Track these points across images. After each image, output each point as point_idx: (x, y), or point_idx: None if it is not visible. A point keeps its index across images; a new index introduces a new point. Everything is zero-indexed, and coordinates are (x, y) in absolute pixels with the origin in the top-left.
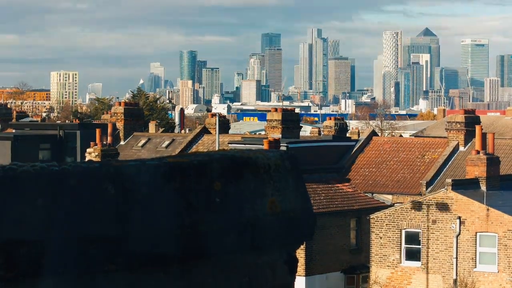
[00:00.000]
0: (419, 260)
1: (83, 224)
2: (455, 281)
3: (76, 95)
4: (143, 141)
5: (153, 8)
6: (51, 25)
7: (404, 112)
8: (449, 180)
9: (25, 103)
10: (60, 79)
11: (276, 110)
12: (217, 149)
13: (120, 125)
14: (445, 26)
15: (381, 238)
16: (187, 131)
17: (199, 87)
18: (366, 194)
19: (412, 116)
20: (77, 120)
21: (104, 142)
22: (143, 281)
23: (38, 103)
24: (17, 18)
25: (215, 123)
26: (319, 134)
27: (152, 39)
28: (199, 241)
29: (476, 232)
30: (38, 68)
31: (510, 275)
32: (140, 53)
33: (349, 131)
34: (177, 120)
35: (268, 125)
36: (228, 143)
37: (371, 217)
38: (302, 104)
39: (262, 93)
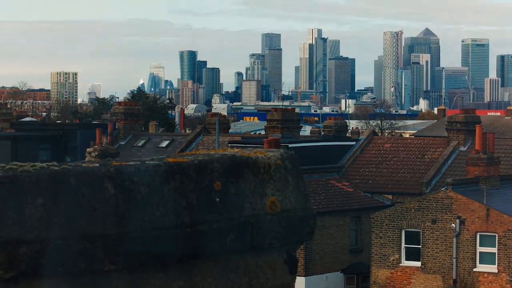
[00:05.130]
0: (419, 260)
1: (82, 224)
2: (455, 281)
3: (76, 95)
4: (143, 141)
5: None
6: None
7: (404, 112)
8: (449, 180)
9: (25, 103)
10: (60, 79)
11: (276, 110)
12: (217, 149)
13: (120, 125)
14: None
15: (381, 238)
16: (187, 131)
17: (199, 87)
18: (366, 194)
19: (412, 115)
20: (77, 120)
21: (104, 140)
22: (143, 281)
23: (38, 103)
24: None
25: (215, 123)
26: (319, 134)
27: None
28: (199, 240)
29: (476, 232)
30: None
31: (510, 275)
32: None
33: (349, 131)
34: (177, 120)
35: (268, 125)
36: (228, 143)
37: (371, 216)
38: (303, 104)
39: (263, 93)
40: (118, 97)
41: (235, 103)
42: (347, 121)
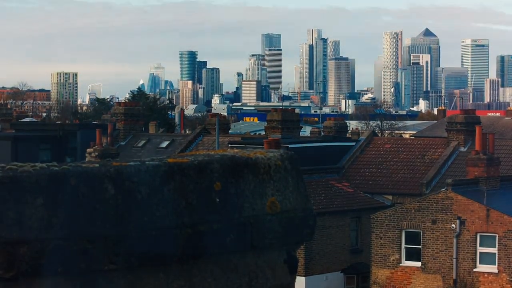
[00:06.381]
0: (419, 260)
1: (83, 224)
2: (455, 281)
3: (76, 95)
4: (143, 142)
5: None
6: None
7: (404, 112)
8: (449, 180)
9: (25, 103)
10: (60, 79)
11: (276, 110)
12: (217, 149)
13: (120, 125)
14: None
15: (381, 238)
16: (187, 132)
17: (199, 88)
18: (366, 194)
19: (412, 116)
20: (77, 120)
21: (104, 141)
22: (143, 281)
23: (38, 103)
24: None
25: (215, 124)
26: (319, 134)
27: None
28: (199, 240)
29: (476, 232)
30: None
31: (510, 275)
32: None
33: (349, 131)
34: (177, 121)
35: (268, 125)
36: (228, 144)
37: (371, 217)
38: (302, 105)
39: (262, 94)
40: (118, 98)
41: (235, 104)
42: (347, 121)
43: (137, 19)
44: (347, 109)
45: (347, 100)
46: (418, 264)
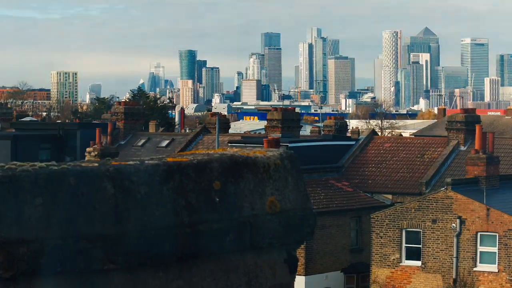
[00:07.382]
0: (419, 260)
1: (82, 224)
2: (455, 280)
3: (76, 94)
4: (143, 141)
5: None
6: None
7: (404, 112)
8: (449, 180)
9: (25, 102)
10: (60, 79)
11: (276, 109)
12: (217, 148)
13: (120, 124)
14: None
15: (381, 237)
16: (187, 131)
17: (199, 87)
18: (366, 193)
19: (412, 115)
20: (77, 119)
21: (104, 140)
22: (142, 280)
23: (38, 102)
24: None
25: (215, 123)
26: (319, 133)
27: None
28: (198, 240)
29: (476, 232)
30: None
31: (510, 274)
32: None
33: (349, 130)
34: (177, 120)
35: (268, 124)
36: (228, 143)
37: (371, 216)
38: (303, 104)
39: (263, 93)
40: (118, 97)
41: (235, 103)
42: (346, 120)
43: (138, 18)
44: (347, 108)
45: (347, 99)
46: (418, 263)
